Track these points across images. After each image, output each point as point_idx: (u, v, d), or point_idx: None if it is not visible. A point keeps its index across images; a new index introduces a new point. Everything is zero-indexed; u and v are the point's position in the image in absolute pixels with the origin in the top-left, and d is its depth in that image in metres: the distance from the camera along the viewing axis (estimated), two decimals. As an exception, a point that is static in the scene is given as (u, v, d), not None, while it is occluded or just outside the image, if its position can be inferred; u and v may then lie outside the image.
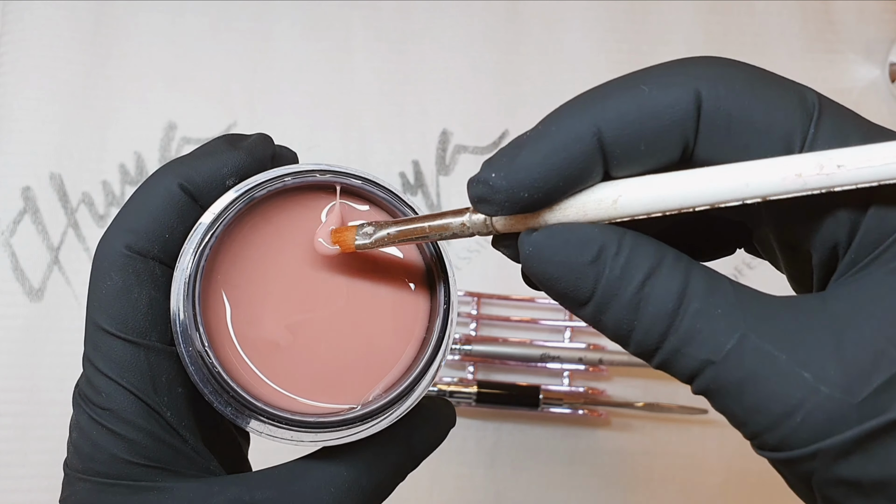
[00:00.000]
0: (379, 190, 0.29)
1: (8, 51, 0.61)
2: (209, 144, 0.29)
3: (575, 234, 0.22)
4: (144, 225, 0.27)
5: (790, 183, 0.21)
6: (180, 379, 0.27)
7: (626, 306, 0.22)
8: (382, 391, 0.28)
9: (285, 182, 0.28)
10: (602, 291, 0.22)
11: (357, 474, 0.28)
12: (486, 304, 0.59)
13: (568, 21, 0.65)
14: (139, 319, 0.27)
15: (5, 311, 0.56)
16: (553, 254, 0.22)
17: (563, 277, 0.22)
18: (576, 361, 0.56)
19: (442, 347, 0.28)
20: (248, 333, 0.28)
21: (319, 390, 0.28)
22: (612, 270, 0.22)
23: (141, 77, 0.62)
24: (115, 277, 0.27)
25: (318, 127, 0.62)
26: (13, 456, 0.54)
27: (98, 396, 0.26)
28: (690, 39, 0.65)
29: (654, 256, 0.22)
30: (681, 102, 0.21)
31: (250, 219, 0.29)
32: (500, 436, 0.57)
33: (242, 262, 0.28)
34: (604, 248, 0.22)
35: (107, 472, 0.27)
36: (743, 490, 0.56)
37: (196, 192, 0.28)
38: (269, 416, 0.26)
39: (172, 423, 0.27)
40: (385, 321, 0.29)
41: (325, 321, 0.29)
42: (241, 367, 0.28)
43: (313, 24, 0.64)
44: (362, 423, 0.27)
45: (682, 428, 0.57)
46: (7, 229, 0.58)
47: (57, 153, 0.59)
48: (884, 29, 0.66)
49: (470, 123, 0.62)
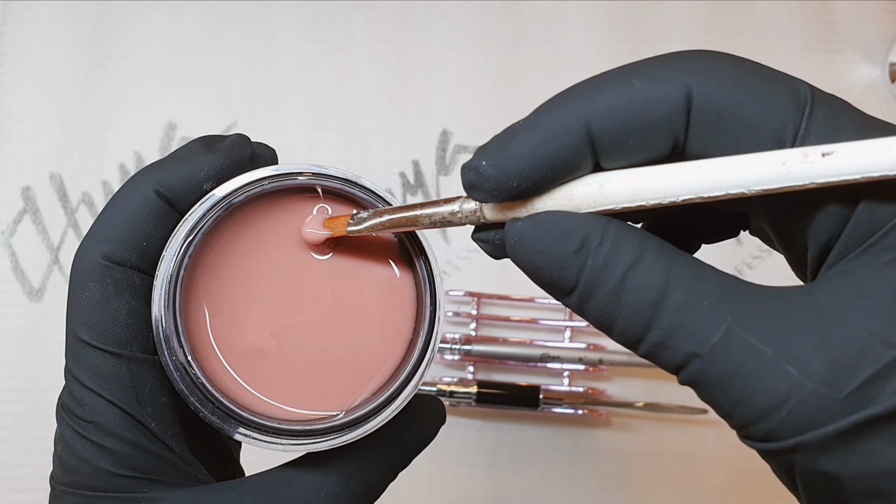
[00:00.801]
0: (360, 190, 0.28)
1: (8, 51, 0.61)
2: (185, 148, 0.28)
3: (559, 223, 0.22)
4: (121, 233, 0.27)
5: (775, 172, 0.21)
6: (164, 388, 0.27)
7: (608, 297, 0.22)
8: (370, 395, 0.28)
9: (264, 186, 0.27)
10: (585, 281, 0.22)
11: (347, 477, 0.28)
12: (486, 304, 0.59)
13: (568, 21, 0.65)
14: (119, 330, 0.26)
15: (5, 311, 0.56)
16: (537, 243, 0.22)
17: (547, 267, 0.22)
18: (576, 361, 0.56)
19: (429, 350, 0.28)
20: (232, 341, 0.28)
21: (306, 397, 0.28)
22: (594, 261, 0.22)
23: (141, 77, 0.62)
24: (94, 288, 0.26)
25: (318, 127, 0.62)
26: (13, 456, 0.54)
27: (81, 409, 0.26)
28: (690, 39, 0.65)
29: (637, 247, 0.22)
30: (669, 98, 0.21)
31: (230, 224, 0.28)
32: (500, 436, 0.57)
33: (224, 269, 0.28)
34: (587, 238, 0.22)
35: (93, 485, 0.26)
36: (743, 490, 0.56)
37: (173, 198, 0.27)
38: (255, 426, 0.26)
39: (158, 434, 0.27)
40: (371, 324, 0.29)
41: (310, 326, 0.28)
42: (226, 375, 0.27)
43: (313, 24, 0.64)
44: (350, 428, 0.27)
45: (682, 428, 0.57)
46: (7, 229, 0.58)
47: (57, 153, 0.59)
48: (884, 29, 0.66)
49: (470, 123, 0.62)
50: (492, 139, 0.23)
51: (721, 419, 0.23)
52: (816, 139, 0.21)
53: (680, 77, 0.22)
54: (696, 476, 0.57)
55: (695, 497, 0.57)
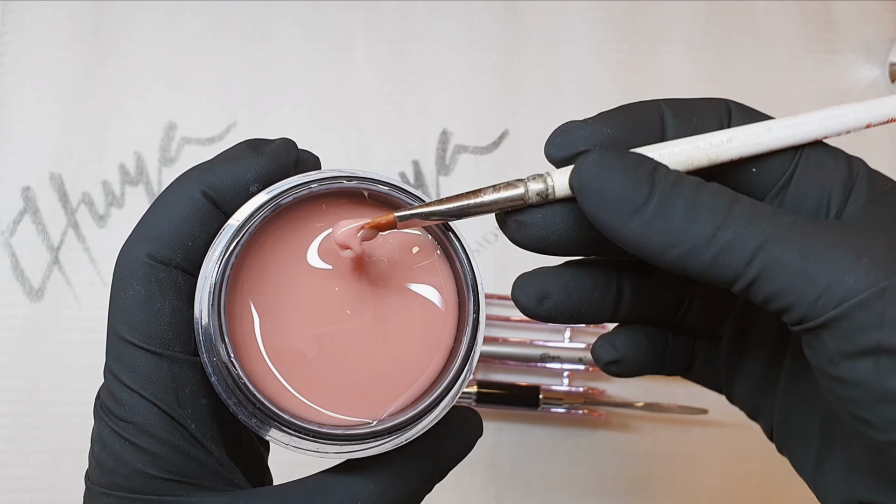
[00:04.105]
0: (406, 196, 0.28)
1: (8, 51, 0.61)
2: (232, 150, 0.29)
3: (630, 154, 0.26)
4: (166, 233, 0.27)
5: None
6: (204, 390, 0.27)
7: (684, 206, 0.25)
8: (409, 403, 0.27)
9: (311, 189, 0.27)
10: (659, 196, 0.25)
11: (384, 487, 0.27)
12: (486, 304, 0.58)
13: (568, 21, 0.65)
14: (162, 329, 0.26)
15: (5, 311, 0.56)
16: (616, 160, 0.25)
17: (620, 189, 0.25)
18: (576, 361, 0.56)
19: (470, 359, 0.27)
20: (273, 344, 0.27)
21: (345, 402, 0.27)
22: (667, 178, 0.25)
23: (141, 77, 0.62)
24: (137, 287, 0.26)
25: (318, 127, 0.62)
26: (13, 456, 0.54)
27: (120, 409, 0.26)
28: (690, 39, 0.65)
29: (697, 179, 0.25)
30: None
31: (276, 226, 0.28)
32: (500, 436, 0.57)
33: (268, 271, 0.28)
34: (657, 165, 0.25)
35: (131, 487, 0.26)
36: (743, 490, 0.56)
37: (219, 199, 0.27)
38: (294, 428, 0.26)
39: (196, 436, 0.26)
40: (413, 332, 0.28)
41: (352, 332, 0.28)
42: (265, 377, 0.27)
43: (313, 24, 0.64)
44: (388, 435, 0.27)
45: (682, 428, 0.57)
46: (7, 229, 0.58)
47: (57, 153, 0.59)
48: (884, 29, 0.66)
49: (470, 123, 0.62)
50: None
51: (721, 419, 0.23)
52: None
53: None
54: (696, 476, 0.57)
55: (695, 497, 0.57)
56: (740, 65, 0.65)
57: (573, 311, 0.30)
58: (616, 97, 0.63)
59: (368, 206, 0.29)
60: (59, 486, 0.54)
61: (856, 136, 0.27)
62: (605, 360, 0.32)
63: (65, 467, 0.54)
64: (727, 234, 0.24)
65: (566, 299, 0.30)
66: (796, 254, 0.24)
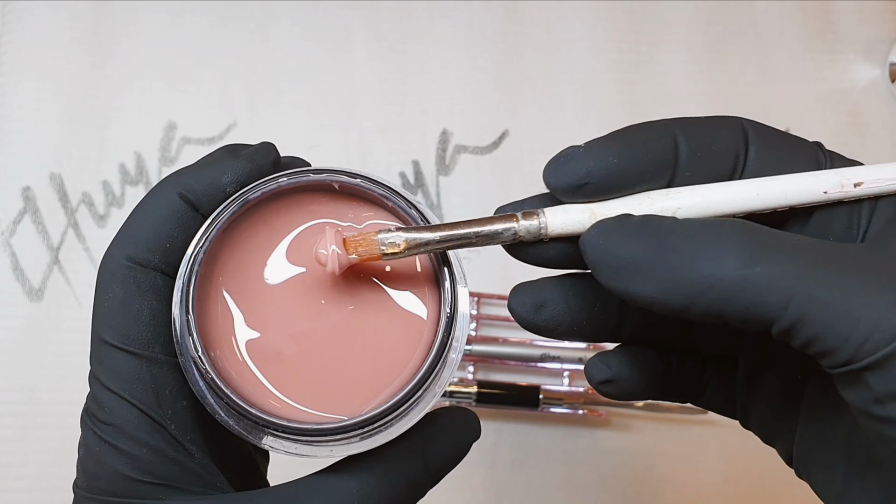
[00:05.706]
0: (377, 187, 0.28)
1: (8, 51, 0.61)
2: (210, 155, 0.29)
3: (647, 218, 0.25)
4: (144, 235, 0.27)
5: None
6: (185, 392, 0.27)
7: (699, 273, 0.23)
8: (386, 398, 0.27)
9: (280, 183, 0.27)
10: (673, 258, 0.23)
11: (368, 489, 0.27)
12: (486, 304, 0.59)
13: (568, 21, 0.65)
14: (141, 330, 0.26)
15: (5, 311, 0.56)
16: (617, 226, 0.25)
17: (637, 253, 0.24)
18: (576, 361, 0.56)
19: (445, 352, 0.27)
20: (251, 342, 0.27)
21: (324, 400, 0.27)
22: (674, 230, 0.24)
23: (141, 77, 0.62)
24: (117, 289, 0.26)
25: (318, 127, 0.62)
26: (13, 456, 0.54)
27: (102, 412, 0.26)
28: (690, 39, 0.65)
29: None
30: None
31: (249, 224, 0.28)
32: (500, 436, 0.57)
33: (241, 269, 0.28)
34: (662, 219, 0.25)
35: (112, 490, 0.26)
36: (743, 490, 0.56)
37: (196, 201, 0.27)
38: (269, 426, 0.26)
39: (177, 437, 0.27)
40: (394, 327, 0.28)
41: (330, 329, 0.28)
42: (240, 375, 0.27)
43: (313, 24, 0.64)
44: (363, 429, 0.26)
45: (682, 428, 0.57)
46: (7, 229, 0.58)
47: (57, 153, 0.59)
48: (884, 29, 0.66)
49: (470, 123, 0.62)
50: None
51: (721, 419, 0.23)
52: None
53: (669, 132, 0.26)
54: (696, 476, 0.57)
55: (695, 497, 0.57)
56: (740, 65, 0.65)
57: (572, 322, 0.29)
58: (616, 97, 0.63)
59: (341, 199, 0.29)
60: (60, 487, 0.54)
61: (856, 136, 0.27)
62: (598, 378, 0.30)
63: (65, 467, 0.54)
64: (754, 271, 0.22)
65: (565, 309, 0.28)
66: (837, 292, 0.22)
